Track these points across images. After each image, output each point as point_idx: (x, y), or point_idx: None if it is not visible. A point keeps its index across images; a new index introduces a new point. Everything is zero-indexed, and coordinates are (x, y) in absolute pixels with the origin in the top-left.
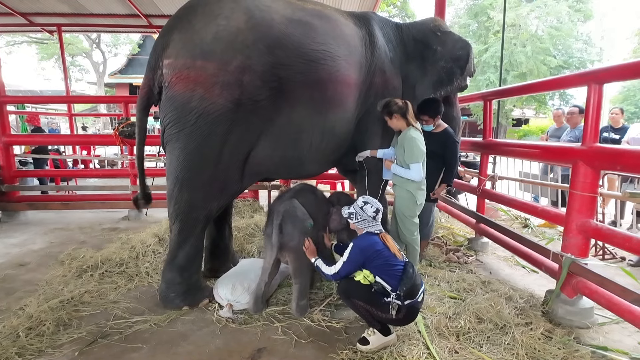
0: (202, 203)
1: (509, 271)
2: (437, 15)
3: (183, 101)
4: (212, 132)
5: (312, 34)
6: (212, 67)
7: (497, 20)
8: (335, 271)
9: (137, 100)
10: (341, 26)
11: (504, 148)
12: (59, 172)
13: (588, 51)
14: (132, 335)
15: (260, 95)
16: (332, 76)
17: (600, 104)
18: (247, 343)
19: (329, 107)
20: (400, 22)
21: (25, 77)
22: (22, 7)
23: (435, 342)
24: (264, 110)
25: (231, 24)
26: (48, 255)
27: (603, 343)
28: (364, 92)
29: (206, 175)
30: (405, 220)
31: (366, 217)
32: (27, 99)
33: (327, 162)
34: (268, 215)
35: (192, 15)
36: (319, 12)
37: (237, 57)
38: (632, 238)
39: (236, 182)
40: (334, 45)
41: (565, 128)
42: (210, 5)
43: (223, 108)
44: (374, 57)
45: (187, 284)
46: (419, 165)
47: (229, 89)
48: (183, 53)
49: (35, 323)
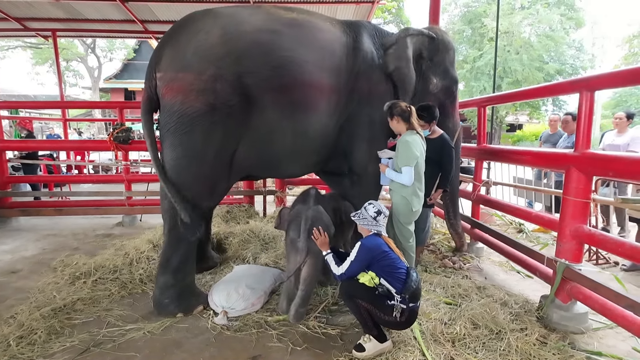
0: (194, 201)
1: (504, 276)
2: (431, 21)
3: (169, 108)
4: (192, 130)
5: (279, 41)
6: (190, 77)
7: (490, 27)
8: (343, 271)
9: (140, 104)
10: (316, 33)
11: (498, 154)
12: (52, 178)
13: (581, 58)
14: (125, 344)
15: (231, 100)
16: (298, 81)
17: (592, 111)
18: (241, 351)
19: (297, 110)
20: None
21: (19, 82)
22: (16, 12)
23: (431, 349)
24: (238, 113)
25: (208, 38)
26: (40, 262)
27: (597, 348)
28: (344, 96)
29: (193, 173)
30: (400, 226)
31: (367, 217)
32: (21, 104)
33: (308, 164)
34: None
35: (180, 32)
36: (293, 20)
37: (210, 68)
38: (624, 243)
39: (224, 180)
40: (301, 51)
41: (561, 134)
42: (195, 23)
43: (200, 110)
44: (357, 62)
45: (180, 287)
46: (410, 169)
47: (204, 95)
48: (170, 67)
49: (27, 331)
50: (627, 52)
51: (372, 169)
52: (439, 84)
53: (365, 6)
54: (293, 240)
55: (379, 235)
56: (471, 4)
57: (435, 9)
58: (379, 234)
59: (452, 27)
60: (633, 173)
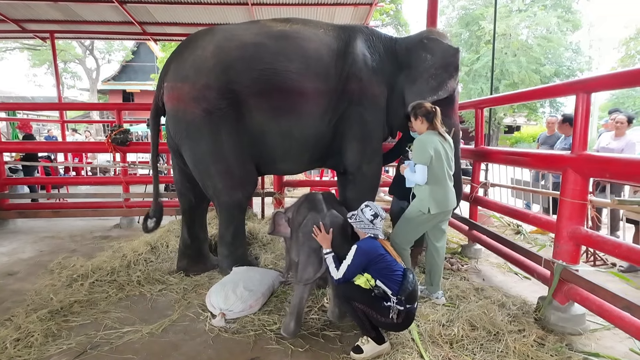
0: (225, 190)
1: (502, 278)
2: (429, 24)
3: (174, 114)
4: (202, 133)
5: (261, 53)
6: (187, 86)
7: (488, 30)
8: (340, 275)
9: (150, 109)
10: (300, 43)
11: (495, 155)
12: (50, 180)
13: (577, 60)
14: (123, 346)
15: (221, 104)
16: (279, 88)
17: (588, 113)
18: (239, 353)
19: (279, 113)
20: (396, 36)
21: (17, 84)
22: (14, 14)
23: (429, 350)
24: (230, 115)
25: (203, 53)
26: (37, 264)
27: (595, 349)
28: (334, 99)
29: (217, 169)
30: (401, 225)
31: (363, 219)
32: (19, 106)
33: (301, 162)
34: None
35: (184, 48)
36: (280, 32)
37: (202, 78)
38: (621, 245)
39: (247, 171)
40: (283, 61)
41: (558, 136)
42: (197, 41)
43: (199, 116)
44: (347, 66)
45: (234, 256)
46: (422, 168)
47: (198, 102)
48: (173, 78)
49: (23, 334)
50: (623, 55)
51: (367, 169)
52: None
53: (363, 8)
54: (315, 250)
55: (375, 238)
56: (468, 7)
57: (432, 11)
58: (375, 237)
59: (449, 30)
60: (629, 174)
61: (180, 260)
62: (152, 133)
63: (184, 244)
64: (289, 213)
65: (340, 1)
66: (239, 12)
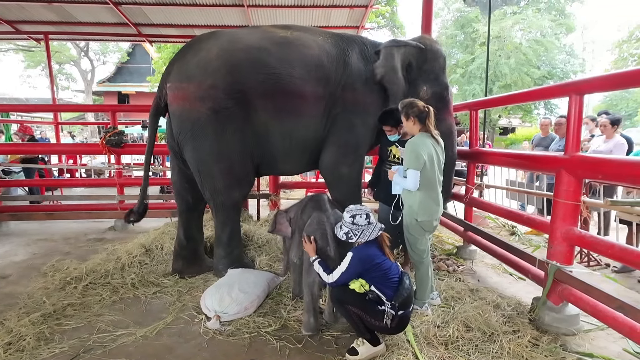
0: (224, 190)
1: (496, 279)
2: (424, 26)
3: (179, 114)
4: (207, 132)
5: (266, 58)
6: (193, 86)
7: (482, 32)
8: (333, 280)
9: (150, 109)
10: (302, 50)
11: (490, 157)
12: (44, 182)
13: (571, 62)
14: (117, 349)
15: (228, 104)
16: (282, 90)
17: (581, 114)
18: (234, 355)
19: (282, 114)
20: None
21: (11, 85)
22: (8, 15)
23: (424, 352)
24: (237, 114)
25: (208, 55)
26: (30, 267)
27: (589, 350)
28: (330, 104)
29: (219, 168)
30: (410, 239)
31: (363, 227)
32: (12, 107)
33: (300, 163)
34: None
35: (187, 51)
36: (283, 39)
37: (208, 78)
38: (614, 245)
39: (247, 172)
40: (285, 66)
41: (552, 137)
42: (200, 43)
43: (205, 115)
44: (344, 74)
45: (230, 258)
46: (414, 173)
47: (204, 101)
48: (178, 79)
49: (15, 338)
50: (617, 57)
51: (343, 173)
52: (429, 90)
53: (359, 11)
54: (322, 249)
55: (376, 238)
56: (463, 9)
57: (427, 14)
58: (376, 237)
59: (444, 32)
60: (622, 175)
61: (176, 262)
62: (150, 133)
63: (179, 245)
64: (290, 213)
65: (336, 3)
66: (234, 13)
